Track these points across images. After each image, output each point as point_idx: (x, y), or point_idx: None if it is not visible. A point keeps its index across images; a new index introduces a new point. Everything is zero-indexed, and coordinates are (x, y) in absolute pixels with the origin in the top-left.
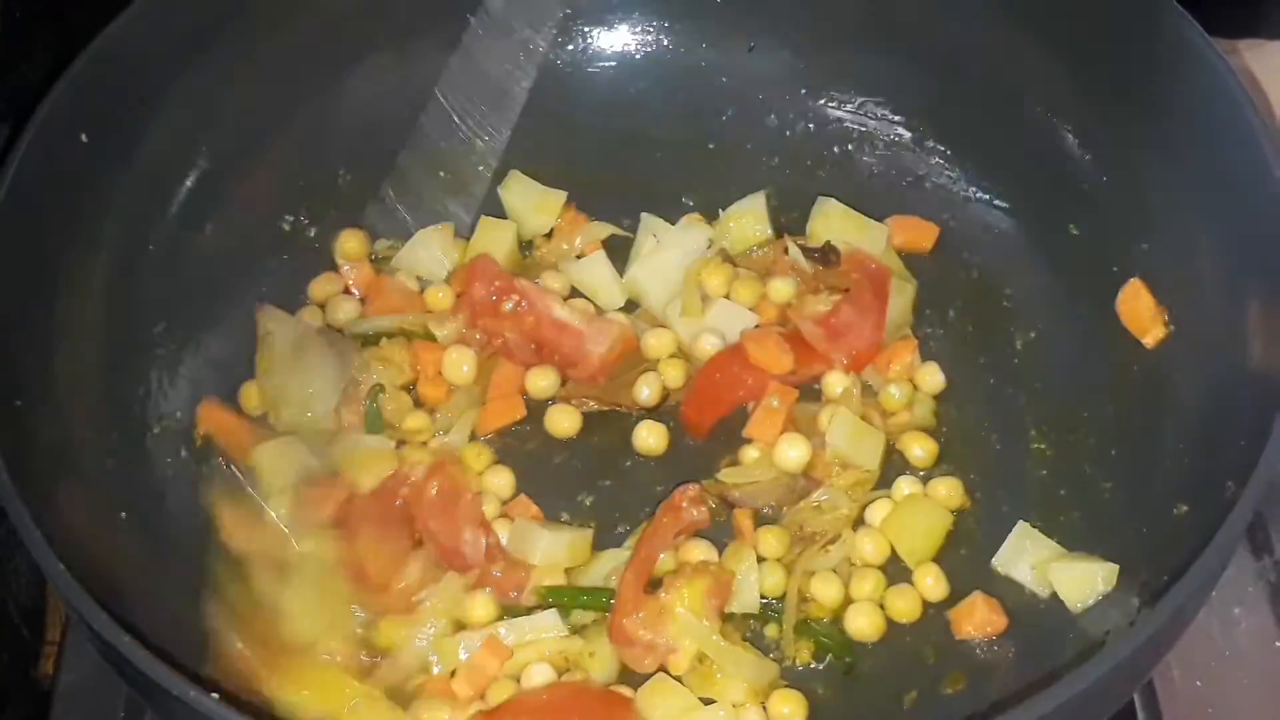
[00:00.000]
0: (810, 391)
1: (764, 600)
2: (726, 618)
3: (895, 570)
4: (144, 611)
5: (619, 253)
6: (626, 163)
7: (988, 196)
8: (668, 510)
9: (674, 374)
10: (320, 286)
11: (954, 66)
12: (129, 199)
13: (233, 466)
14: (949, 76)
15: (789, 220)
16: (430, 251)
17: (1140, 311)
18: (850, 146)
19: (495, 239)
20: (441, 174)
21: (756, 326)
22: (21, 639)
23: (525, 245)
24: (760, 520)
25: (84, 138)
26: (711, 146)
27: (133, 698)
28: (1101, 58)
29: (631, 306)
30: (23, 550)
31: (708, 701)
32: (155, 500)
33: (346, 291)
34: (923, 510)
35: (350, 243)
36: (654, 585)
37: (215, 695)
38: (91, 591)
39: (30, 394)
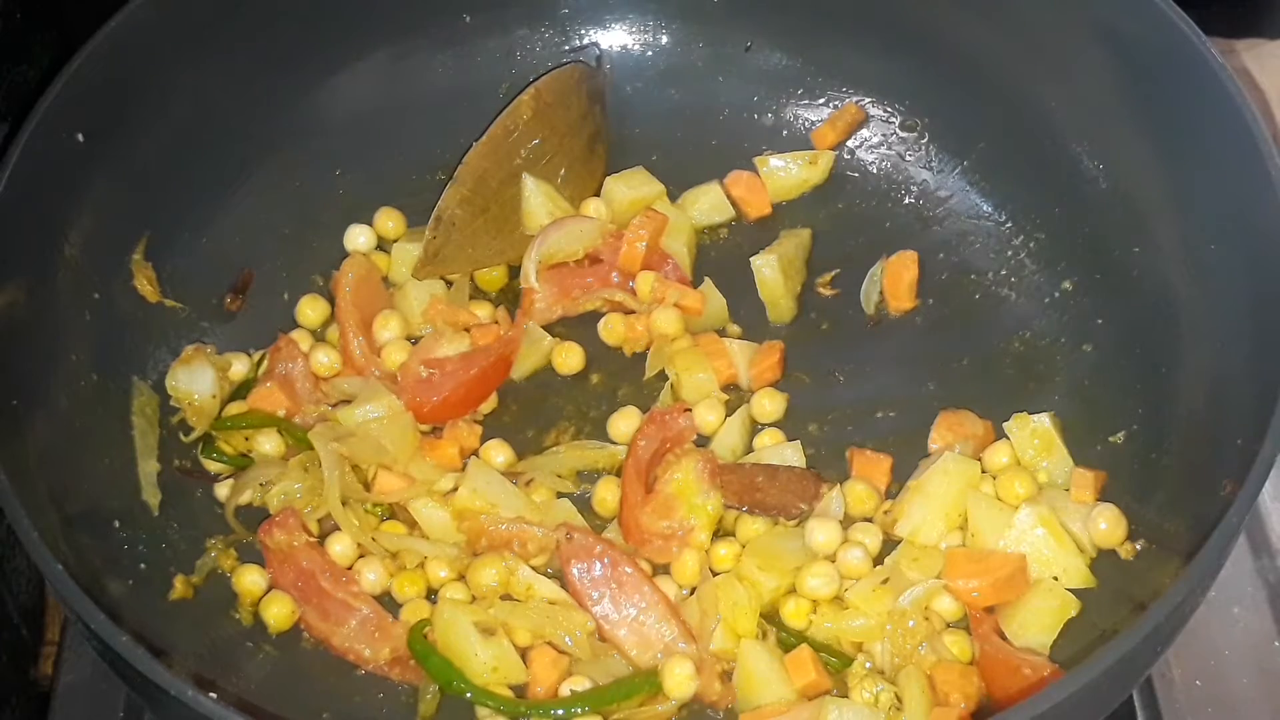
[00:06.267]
0: None
1: None
2: None
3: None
4: (141, 610)
5: None
6: (622, 163)
7: (984, 196)
8: (652, 420)
9: None
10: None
11: (950, 67)
12: (125, 198)
13: None
14: (946, 76)
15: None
16: None
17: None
18: (847, 146)
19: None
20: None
21: None
22: (21, 639)
23: None
24: None
25: (80, 137)
26: (710, 145)
27: (132, 698)
28: (1100, 59)
29: None
30: (22, 550)
31: None
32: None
33: None
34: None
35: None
36: None
37: (213, 695)
38: (88, 591)
39: (27, 393)
